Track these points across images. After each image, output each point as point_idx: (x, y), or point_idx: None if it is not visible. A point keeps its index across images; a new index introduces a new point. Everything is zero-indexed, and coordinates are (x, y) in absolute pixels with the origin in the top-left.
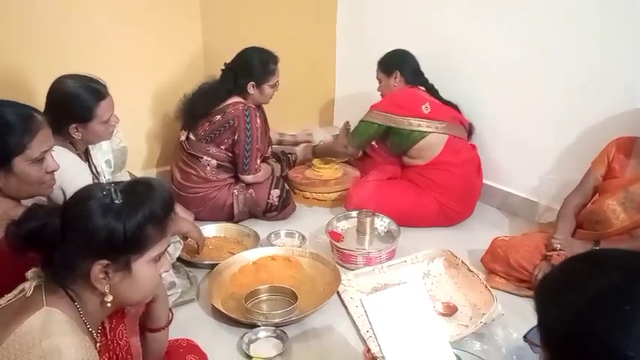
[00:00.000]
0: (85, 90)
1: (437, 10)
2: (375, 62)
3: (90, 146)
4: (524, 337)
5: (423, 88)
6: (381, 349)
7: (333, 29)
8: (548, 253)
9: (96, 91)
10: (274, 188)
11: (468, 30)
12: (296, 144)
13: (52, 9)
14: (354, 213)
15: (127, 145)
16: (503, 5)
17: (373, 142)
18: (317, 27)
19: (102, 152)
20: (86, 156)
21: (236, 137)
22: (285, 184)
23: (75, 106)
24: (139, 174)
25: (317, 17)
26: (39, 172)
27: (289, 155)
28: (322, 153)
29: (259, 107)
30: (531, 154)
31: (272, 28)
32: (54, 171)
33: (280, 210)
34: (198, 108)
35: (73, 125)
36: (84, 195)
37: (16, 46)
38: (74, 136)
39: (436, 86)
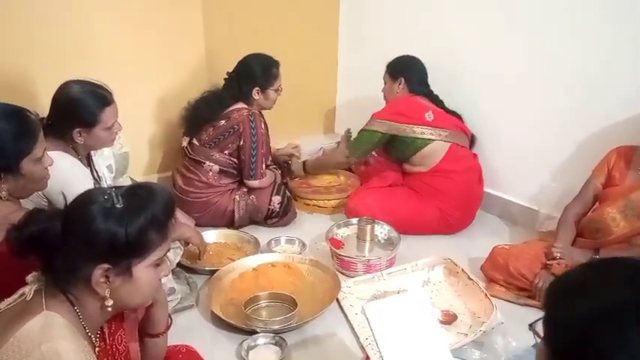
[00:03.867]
0: (90, 95)
1: (438, 18)
2: (376, 70)
3: (91, 152)
4: (530, 325)
5: (426, 98)
6: (382, 357)
7: (335, 37)
8: (548, 262)
9: (102, 97)
10: (275, 195)
11: (469, 38)
12: (284, 156)
13: (53, 12)
14: (355, 220)
15: (129, 151)
16: (504, 13)
17: (373, 151)
18: (319, 34)
19: (103, 158)
20: (88, 161)
21: (241, 143)
22: (287, 191)
23: (80, 110)
24: (141, 179)
25: (319, 24)
26: (41, 169)
27: (289, 163)
28: (313, 168)
29: (261, 114)
30: (532, 162)
31: (274, 35)
32: (50, 165)
33: (281, 217)
34: (202, 115)
35: (77, 129)
36: (85, 199)
37: (17, 49)
38: (77, 140)
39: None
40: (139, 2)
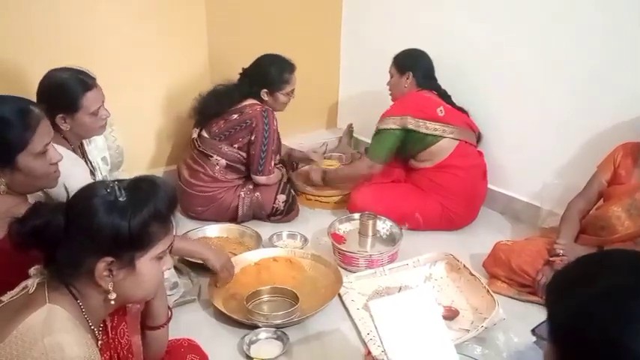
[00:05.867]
0: (71, 80)
1: (442, 13)
2: (378, 65)
3: (85, 141)
4: (533, 330)
5: (435, 93)
6: (386, 354)
7: (338, 31)
8: (550, 258)
9: (83, 82)
10: (281, 193)
11: (473, 34)
12: (303, 160)
13: (57, 8)
14: (357, 215)
15: (125, 147)
16: (508, 12)
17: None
18: (322, 28)
19: (98, 149)
20: (82, 152)
21: (253, 138)
22: (292, 190)
23: (61, 95)
24: (144, 173)
25: (322, 19)
26: (43, 165)
27: (295, 162)
28: (333, 180)
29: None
30: (534, 158)
31: (277, 29)
32: (58, 162)
33: (285, 215)
34: (212, 108)
35: (60, 115)
36: (88, 192)
37: (20, 46)
38: (62, 127)
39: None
40: None
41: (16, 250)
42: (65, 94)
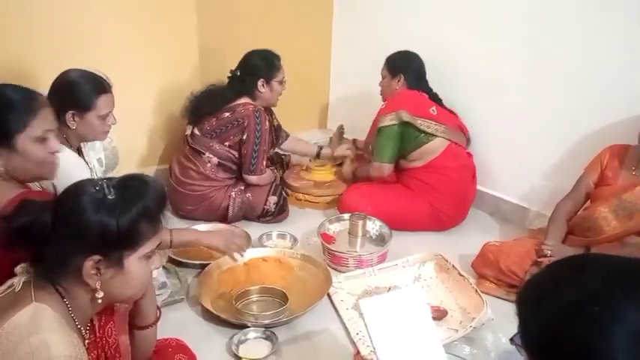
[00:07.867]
0: (88, 80)
1: (432, 16)
2: (369, 67)
3: (82, 144)
4: (511, 339)
5: (426, 95)
6: (375, 353)
7: (329, 32)
8: (538, 259)
9: (99, 83)
10: (272, 195)
11: (464, 37)
12: (334, 159)
13: (52, 7)
14: (346, 215)
15: (118, 147)
16: (498, 13)
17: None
18: (312, 29)
19: (95, 150)
20: (79, 154)
21: (244, 137)
22: (283, 192)
23: (76, 92)
24: (137, 171)
25: (312, 19)
26: (42, 151)
27: (283, 157)
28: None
29: (267, 110)
30: (523, 161)
31: (267, 29)
32: (56, 152)
33: (275, 216)
34: (204, 107)
35: (71, 112)
36: (76, 190)
37: (14, 44)
38: (70, 124)
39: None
40: None
41: (3, 248)
42: (81, 92)
